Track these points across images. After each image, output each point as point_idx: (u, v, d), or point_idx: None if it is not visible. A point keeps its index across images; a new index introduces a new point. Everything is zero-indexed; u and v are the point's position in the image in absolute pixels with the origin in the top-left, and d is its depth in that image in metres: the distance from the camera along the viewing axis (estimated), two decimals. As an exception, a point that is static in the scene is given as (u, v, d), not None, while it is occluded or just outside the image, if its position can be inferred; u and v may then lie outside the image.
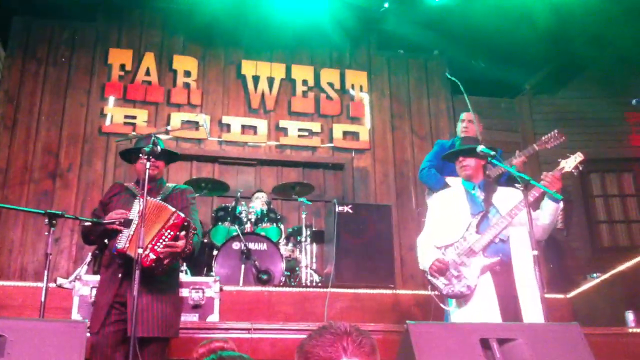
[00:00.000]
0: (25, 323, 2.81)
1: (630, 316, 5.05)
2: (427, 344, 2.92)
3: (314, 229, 7.05)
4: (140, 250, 3.49)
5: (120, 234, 3.74)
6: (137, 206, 3.79)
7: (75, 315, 4.57)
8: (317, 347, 1.73)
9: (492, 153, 4.16)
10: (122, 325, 3.72)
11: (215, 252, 6.30)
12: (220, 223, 6.78)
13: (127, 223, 3.73)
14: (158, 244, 3.70)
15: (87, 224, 3.91)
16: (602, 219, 9.06)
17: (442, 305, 4.06)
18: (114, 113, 8.52)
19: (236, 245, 6.34)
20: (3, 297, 5.24)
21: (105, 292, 3.83)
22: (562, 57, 8.93)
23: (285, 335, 4.55)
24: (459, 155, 4.35)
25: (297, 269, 6.72)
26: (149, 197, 3.83)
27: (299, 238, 6.81)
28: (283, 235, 6.94)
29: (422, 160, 8.65)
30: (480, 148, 4.19)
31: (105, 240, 3.97)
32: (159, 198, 4.03)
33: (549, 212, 4.04)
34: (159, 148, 4.05)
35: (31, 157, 8.12)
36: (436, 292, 4.05)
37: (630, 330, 4.93)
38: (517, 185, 3.94)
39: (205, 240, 6.64)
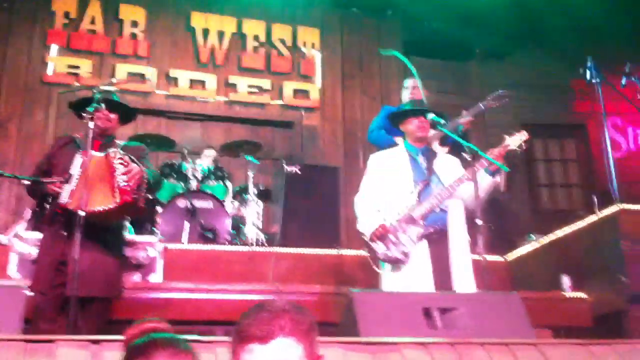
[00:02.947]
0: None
1: (565, 281, 5.20)
2: (370, 312, 2.96)
3: (261, 188, 7.00)
4: (82, 213, 3.40)
5: (67, 192, 3.63)
6: (78, 160, 3.68)
7: (14, 274, 4.46)
8: (253, 325, 1.69)
9: (442, 122, 4.19)
10: (64, 288, 3.64)
11: (159, 210, 6.20)
12: (165, 180, 6.67)
13: (68, 178, 3.62)
14: (119, 181, 3.62)
15: (28, 182, 3.77)
16: (543, 183, 9.29)
17: (375, 268, 4.10)
18: (57, 62, 8.22)
19: (181, 203, 6.25)
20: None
21: (48, 250, 3.74)
22: (514, 22, 8.97)
23: (229, 295, 4.55)
24: (416, 114, 4.31)
25: (243, 227, 6.69)
26: (92, 152, 3.72)
27: (245, 196, 6.76)
28: (230, 193, 6.89)
29: (371, 121, 8.75)
30: (431, 116, 4.20)
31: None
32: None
33: (485, 185, 4.11)
34: (103, 106, 3.93)
35: (-31, 106, 7.83)
36: (372, 255, 4.08)
37: (567, 295, 5.10)
38: (464, 154, 3.99)
39: (150, 197, 6.53)
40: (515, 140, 4.11)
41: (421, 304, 3.02)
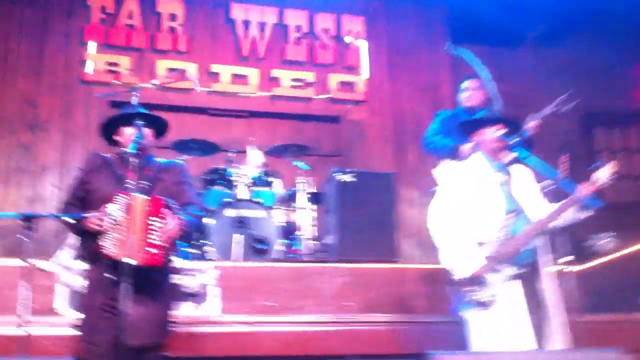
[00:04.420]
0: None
1: (641, 302, 4.81)
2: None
3: (311, 192, 6.69)
4: (127, 260, 3.14)
5: (109, 236, 3.33)
6: (122, 201, 3.37)
7: (60, 305, 4.24)
8: None
9: (517, 141, 3.80)
10: (114, 332, 3.38)
11: (207, 220, 5.93)
12: (212, 186, 6.42)
13: (113, 224, 3.31)
14: (152, 237, 3.33)
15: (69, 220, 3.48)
16: (605, 175, 8.81)
17: (461, 311, 3.72)
18: (96, 60, 7.97)
19: (229, 213, 6.00)
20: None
21: (93, 294, 3.46)
22: (568, 5, 8.44)
23: (288, 327, 4.29)
24: (492, 123, 3.88)
25: (294, 235, 6.40)
26: (136, 194, 3.41)
27: (293, 204, 6.47)
28: (279, 199, 6.60)
29: (421, 114, 8.37)
30: (502, 131, 3.83)
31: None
32: (146, 183, 3.61)
33: (571, 220, 3.74)
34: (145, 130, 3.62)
35: (9, 107, 7.63)
36: (458, 295, 3.70)
37: (641, 317, 4.71)
38: (544, 183, 3.63)
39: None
40: (605, 173, 3.68)
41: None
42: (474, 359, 2.83)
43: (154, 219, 3.33)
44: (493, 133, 3.87)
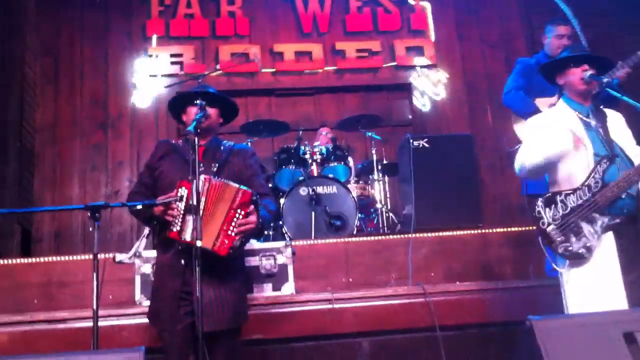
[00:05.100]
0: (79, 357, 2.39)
1: None
2: (558, 344, 2.37)
3: (384, 162, 6.45)
4: (199, 243, 2.98)
5: (179, 220, 3.20)
6: (196, 187, 3.21)
7: (139, 297, 4.19)
8: None
9: (605, 80, 3.43)
10: (190, 318, 3.27)
11: (282, 200, 5.81)
12: (284, 166, 6.27)
13: (190, 209, 3.16)
14: (231, 228, 3.18)
15: (138, 206, 3.36)
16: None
17: (554, 265, 3.43)
18: (159, 52, 7.96)
19: (303, 191, 5.83)
20: (64, 274, 4.90)
21: (166, 281, 3.35)
22: None
23: (370, 302, 4.08)
24: (578, 63, 3.52)
25: (371, 210, 6.19)
26: (208, 176, 3.26)
27: (370, 176, 6.24)
28: (352, 173, 6.39)
29: (495, 73, 7.95)
30: (589, 73, 3.46)
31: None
32: (216, 166, 3.46)
33: None
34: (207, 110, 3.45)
35: (79, 109, 7.72)
36: (548, 246, 3.39)
37: None
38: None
39: (270, 185, 6.16)
40: None
41: (621, 328, 2.39)
42: (578, 323, 2.53)
43: (239, 211, 3.18)
44: (580, 73, 3.52)
